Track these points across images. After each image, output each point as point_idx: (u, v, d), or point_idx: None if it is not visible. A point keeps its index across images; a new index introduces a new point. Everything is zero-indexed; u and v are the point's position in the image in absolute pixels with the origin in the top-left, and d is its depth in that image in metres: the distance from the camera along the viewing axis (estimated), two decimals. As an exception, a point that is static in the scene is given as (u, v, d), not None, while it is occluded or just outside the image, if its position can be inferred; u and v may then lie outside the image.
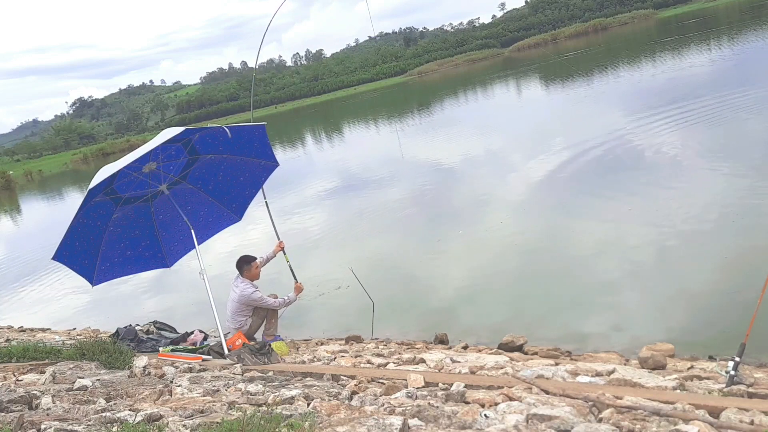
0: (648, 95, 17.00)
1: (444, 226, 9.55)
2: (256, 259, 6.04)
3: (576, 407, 2.76)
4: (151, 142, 5.32)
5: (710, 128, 11.44)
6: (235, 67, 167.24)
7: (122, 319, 7.76)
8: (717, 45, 28.59)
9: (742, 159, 8.91)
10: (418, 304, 6.83)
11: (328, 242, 10.07)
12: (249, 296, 5.79)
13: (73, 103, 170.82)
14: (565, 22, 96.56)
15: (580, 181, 10.18)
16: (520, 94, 30.10)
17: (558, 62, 41.82)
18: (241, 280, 5.90)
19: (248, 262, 5.99)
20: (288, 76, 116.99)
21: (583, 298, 5.91)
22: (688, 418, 2.48)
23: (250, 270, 5.97)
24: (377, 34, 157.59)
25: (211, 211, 6.47)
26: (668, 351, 4.26)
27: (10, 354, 4.55)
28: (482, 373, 4.01)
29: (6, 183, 51.04)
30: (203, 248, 6.07)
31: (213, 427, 2.51)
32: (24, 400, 3.09)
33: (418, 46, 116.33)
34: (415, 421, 2.61)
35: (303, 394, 3.23)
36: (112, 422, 2.66)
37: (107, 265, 5.94)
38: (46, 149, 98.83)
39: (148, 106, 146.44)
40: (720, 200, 7.53)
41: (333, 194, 14.42)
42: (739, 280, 5.34)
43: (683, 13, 74.78)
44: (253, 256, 6.06)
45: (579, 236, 7.64)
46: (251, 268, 5.97)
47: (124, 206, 5.82)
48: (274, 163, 6.30)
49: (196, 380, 3.81)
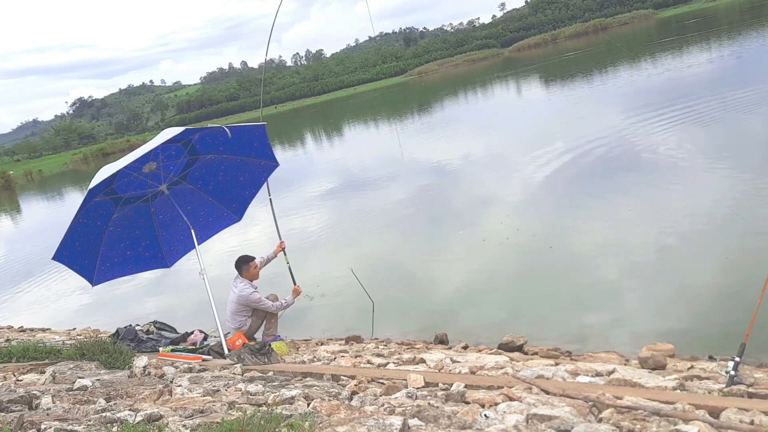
0: (648, 95, 16.99)
1: (444, 226, 9.56)
2: (254, 259, 6.03)
3: (576, 407, 2.76)
4: (151, 142, 5.32)
5: (711, 128, 11.44)
6: (235, 67, 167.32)
7: (122, 319, 7.76)
8: (717, 45, 28.59)
9: (743, 158, 8.91)
10: (418, 304, 6.83)
11: (328, 242, 10.07)
12: (247, 297, 5.78)
13: (73, 103, 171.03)
14: (565, 22, 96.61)
15: (580, 181, 10.18)
16: (520, 94, 30.11)
17: (557, 62, 41.77)
18: (240, 281, 5.90)
19: (246, 262, 5.97)
20: (288, 76, 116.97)
21: (583, 298, 5.91)
22: (688, 418, 2.48)
23: (248, 270, 5.96)
24: (377, 34, 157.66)
25: (211, 211, 6.47)
26: (668, 351, 4.26)
27: (10, 354, 4.55)
28: (482, 373, 4.01)
29: (6, 183, 51.04)
30: (203, 248, 6.07)
31: (213, 427, 2.51)
32: (24, 400, 3.09)
33: (418, 46, 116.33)
34: (415, 421, 2.61)
35: (303, 394, 3.23)
36: (112, 422, 2.66)
37: (107, 265, 5.94)
38: (46, 149, 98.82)
39: (148, 106, 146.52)
40: (720, 200, 7.53)
41: (333, 194, 14.42)
42: (739, 280, 5.34)
43: (683, 13, 74.81)
44: (252, 256, 6.05)
45: (579, 236, 7.64)
46: (249, 268, 5.96)
47: (124, 206, 5.82)
48: (274, 163, 6.30)
49: (196, 380, 3.81)
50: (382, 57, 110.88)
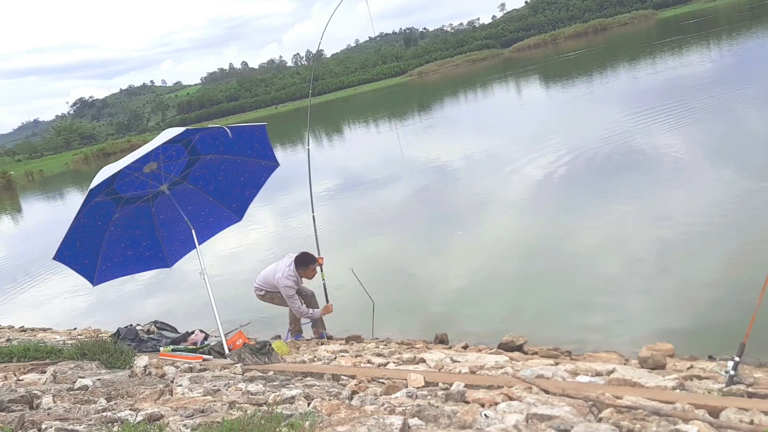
0: (648, 95, 17.00)
1: (444, 225, 9.56)
2: (316, 261, 6.06)
3: (576, 407, 2.77)
4: (151, 142, 5.32)
5: (711, 128, 11.44)
6: (236, 68, 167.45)
7: (123, 318, 7.76)
8: (716, 45, 28.59)
9: (743, 158, 8.91)
10: (419, 303, 6.84)
11: (328, 242, 10.02)
12: (283, 289, 5.88)
13: (74, 104, 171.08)
14: (565, 23, 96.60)
15: (579, 181, 10.19)
16: (520, 95, 30.11)
17: (557, 62, 41.75)
18: (293, 272, 5.94)
19: (313, 261, 6.02)
20: (288, 77, 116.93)
21: (583, 298, 5.91)
22: (687, 418, 2.48)
23: (307, 270, 6.02)
24: (377, 35, 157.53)
25: (212, 211, 6.47)
26: (668, 351, 4.26)
27: (11, 354, 4.56)
28: (482, 372, 4.01)
29: (7, 183, 51.08)
30: (204, 248, 6.07)
31: (213, 426, 2.52)
32: (25, 399, 3.09)
33: (418, 47, 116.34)
34: (415, 420, 2.61)
35: (303, 394, 3.23)
36: (112, 422, 2.66)
37: (108, 265, 5.94)
38: (47, 149, 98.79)
39: (149, 107, 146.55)
40: (720, 200, 7.54)
41: (333, 194, 14.42)
42: (739, 279, 5.35)
43: (683, 13, 74.78)
44: (318, 258, 6.10)
45: (579, 236, 7.64)
46: (309, 269, 6.03)
47: (124, 206, 5.83)
48: (274, 164, 6.30)
49: (196, 380, 3.82)
50: (382, 57, 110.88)
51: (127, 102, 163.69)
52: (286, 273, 5.93)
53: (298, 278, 6.05)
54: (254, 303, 6.65)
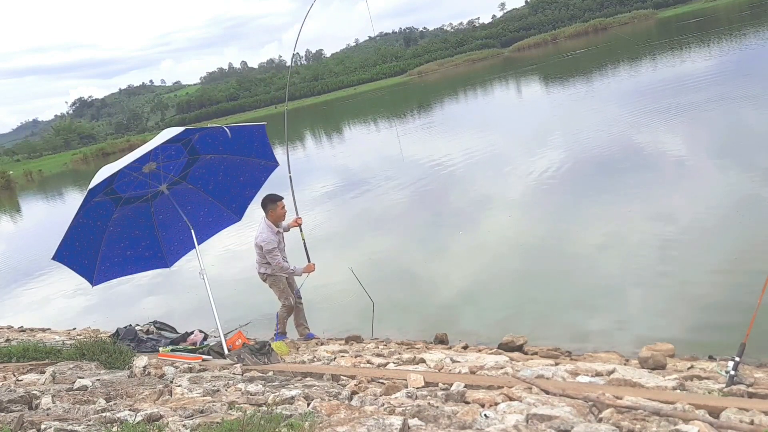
0: (648, 95, 16.99)
1: (444, 226, 9.56)
2: (282, 199, 5.94)
3: (576, 407, 2.76)
4: (151, 142, 5.31)
5: (711, 128, 11.44)
6: (235, 67, 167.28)
7: (122, 319, 7.76)
8: (717, 44, 28.59)
9: (744, 158, 8.91)
10: (418, 304, 6.83)
11: (328, 242, 10.06)
12: (264, 243, 5.78)
13: (73, 103, 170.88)
14: (565, 22, 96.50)
15: (580, 182, 10.18)
16: (520, 94, 30.11)
17: (557, 62, 41.74)
18: (265, 223, 5.86)
19: (274, 201, 5.89)
20: (288, 77, 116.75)
21: (583, 298, 5.91)
22: (688, 418, 2.47)
23: (275, 210, 5.91)
24: (377, 34, 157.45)
25: (211, 211, 6.46)
26: (668, 351, 4.26)
27: (10, 354, 4.55)
28: (482, 373, 4.01)
29: (6, 183, 51.06)
30: (203, 248, 6.06)
31: (213, 427, 2.51)
32: (24, 400, 3.09)
33: (418, 46, 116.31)
34: (415, 421, 2.61)
35: (303, 394, 3.22)
36: (112, 422, 2.66)
37: (107, 265, 5.93)
38: (46, 149, 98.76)
39: (148, 106, 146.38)
40: (720, 200, 7.53)
41: (333, 194, 14.42)
42: (739, 280, 5.35)
43: (683, 13, 74.74)
44: (280, 195, 5.95)
45: (579, 236, 7.64)
46: (276, 207, 5.91)
47: (124, 206, 5.82)
48: (274, 163, 6.29)
49: (196, 380, 3.81)
50: (382, 57, 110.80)
51: (126, 102, 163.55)
52: (261, 227, 5.89)
53: (273, 228, 5.94)
54: (254, 303, 6.65)
